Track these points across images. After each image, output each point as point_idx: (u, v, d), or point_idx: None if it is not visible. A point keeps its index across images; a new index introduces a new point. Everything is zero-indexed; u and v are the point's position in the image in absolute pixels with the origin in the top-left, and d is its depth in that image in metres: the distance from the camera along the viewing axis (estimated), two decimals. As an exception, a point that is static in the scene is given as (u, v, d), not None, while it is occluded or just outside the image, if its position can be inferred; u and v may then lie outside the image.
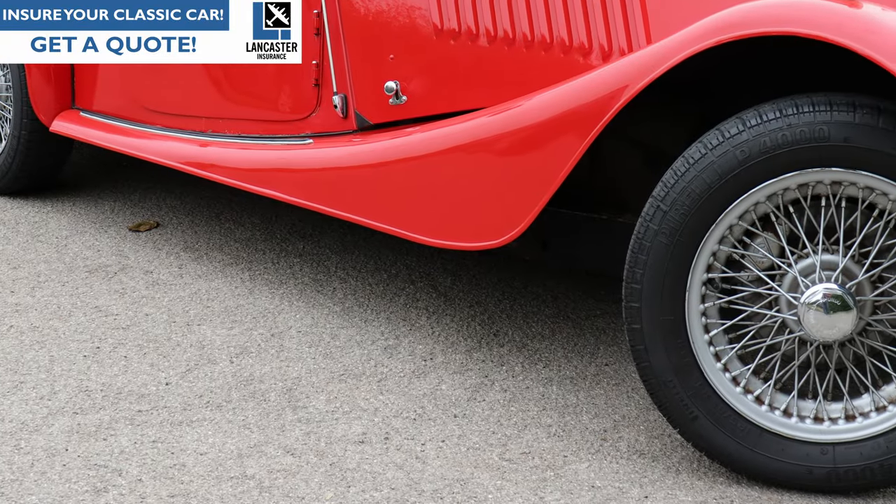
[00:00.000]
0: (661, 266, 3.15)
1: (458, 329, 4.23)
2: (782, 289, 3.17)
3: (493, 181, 3.57)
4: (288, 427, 3.54)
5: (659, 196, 3.13)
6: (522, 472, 3.32)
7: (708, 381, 3.22)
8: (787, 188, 3.07)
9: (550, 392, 3.79)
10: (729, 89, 3.47)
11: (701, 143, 3.10)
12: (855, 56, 2.92)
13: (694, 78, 3.39)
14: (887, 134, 2.96)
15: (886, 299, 3.15)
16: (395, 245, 4.92)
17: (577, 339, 4.19)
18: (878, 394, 3.20)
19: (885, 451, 3.17)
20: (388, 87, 4.14)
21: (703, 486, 3.27)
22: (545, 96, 3.51)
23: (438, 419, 3.60)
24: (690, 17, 3.29)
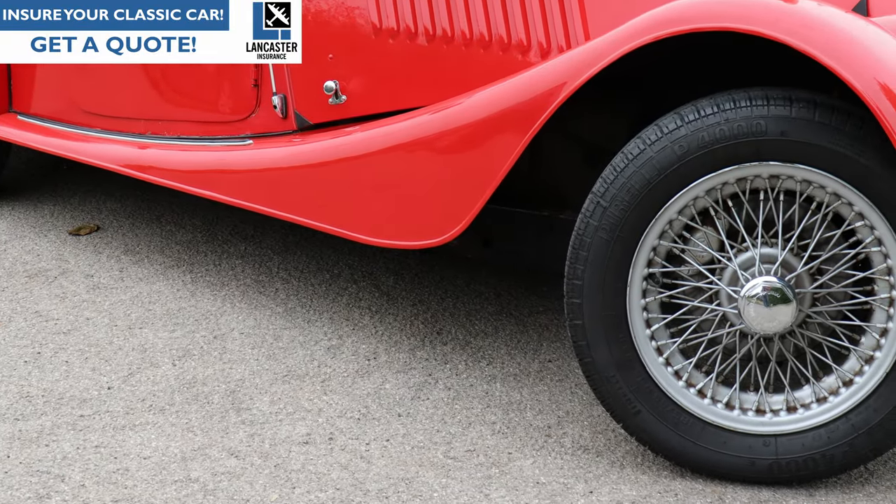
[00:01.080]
0: (602, 262, 3.16)
1: (402, 328, 4.23)
2: (722, 282, 3.19)
3: (434, 179, 3.57)
4: (232, 429, 3.53)
5: (598, 192, 3.15)
6: (467, 469, 3.32)
7: (650, 375, 3.24)
8: (725, 182, 3.09)
9: (494, 389, 3.80)
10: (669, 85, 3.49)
11: (639, 138, 3.11)
12: (792, 51, 2.94)
13: (634, 74, 3.41)
14: (824, 127, 2.98)
15: (825, 291, 3.18)
16: (337, 245, 4.91)
17: (520, 335, 4.20)
18: (819, 385, 3.23)
19: (827, 441, 3.20)
20: (327, 86, 4.13)
21: (648, 480, 3.28)
22: (484, 94, 3.51)
23: (383, 418, 3.60)
24: (628, 14, 3.30)
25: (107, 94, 4.83)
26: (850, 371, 3.20)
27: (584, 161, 3.73)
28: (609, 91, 3.44)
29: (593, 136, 3.72)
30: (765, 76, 3.27)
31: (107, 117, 4.85)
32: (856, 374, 3.19)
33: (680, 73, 3.48)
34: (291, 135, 4.27)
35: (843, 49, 2.91)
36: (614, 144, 3.28)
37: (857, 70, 2.88)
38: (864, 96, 2.86)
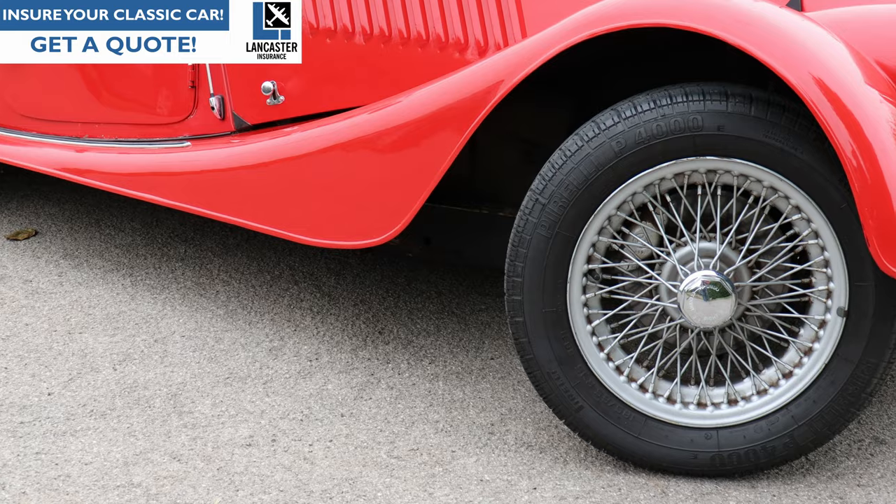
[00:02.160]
0: (542, 259, 3.17)
1: (343, 328, 4.22)
2: (662, 277, 3.21)
3: (374, 178, 3.56)
4: (174, 433, 3.51)
5: (537, 189, 3.15)
6: (411, 468, 3.32)
7: (592, 371, 3.25)
8: (663, 178, 3.11)
9: (437, 388, 3.80)
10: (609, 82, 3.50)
11: (577, 135, 3.12)
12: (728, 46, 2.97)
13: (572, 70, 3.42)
14: (759, 122, 3.01)
15: (764, 284, 3.20)
16: (277, 246, 4.89)
17: (462, 334, 4.20)
18: (759, 378, 3.26)
19: (768, 433, 3.22)
20: (265, 87, 4.11)
21: (591, 476, 3.30)
22: (423, 93, 3.52)
23: (325, 419, 3.59)
24: (565, 12, 3.31)
25: (43, 98, 4.78)
26: (790, 363, 3.22)
27: (524, 158, 3.74)
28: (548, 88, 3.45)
29: (532, 133, 3.73)
30: (703, 72, 3.29)
31: (43, 121, 4.81)
32: (795, 366, 3.22)
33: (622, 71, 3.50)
34: (230, 136, 4.25)
35: (777, 44, 2.94)
36: (553, 142, 3.29)
37: (791, 64, 2.91)
38: (799, 90, 2.88)
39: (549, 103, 3.65)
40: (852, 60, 3.02)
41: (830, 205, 3.04)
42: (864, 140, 2.87)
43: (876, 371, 3.13)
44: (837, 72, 2.94)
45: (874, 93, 2.97)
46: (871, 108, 2.92)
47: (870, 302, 3.08)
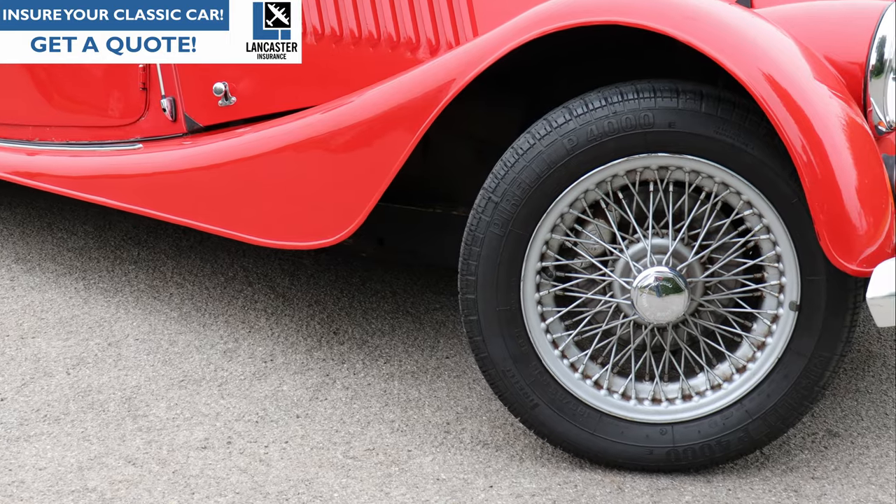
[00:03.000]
0: (495, 257, 3.17)
1: (298, 329, 4.21)
2: (615, 274, 3.22)
3: (327, 179, 3.55)
4: (129, 436, 3.49)
5: (490, 188, 3.16)
6: (367, 468, 3.32)
7: (546, 368, 3.26)
8: (615, 175, 3.12)
9: (392, 387, 3.80)
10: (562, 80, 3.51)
11: (529, 133, 3.13)
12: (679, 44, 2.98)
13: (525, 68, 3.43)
14: (710, 118, 3.02)
15: (716, 280, 3.22)
16: (231, 247, 4.88)
17: (417, 333, 4.20)
18: (713, 372, 3.27)
19: (722, 427, 3.24)
20: (216, 88, 4.10)
21: (547, 473, 3.30)
22: (374, 92, 3.51)
23: (281, 420, 3.58)
24: (517, 10, 3.31)
25: (-8, 101, 4.76)
26: (743, 358, 3.24)
27: (477, 157, 3.74)
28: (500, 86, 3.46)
29: (485, 131, 3.73)
30: (656, 70, 3.30)
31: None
32: (748, 361, 3.23)
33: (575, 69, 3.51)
34: (181, 137, 4.23)
35: (727, 41, 2.95)
36: (506, 140, 3.29)
37: (741, 61, 2.92)
38: (749, 87, 2.90)
39: (502, 102, 3.65)
40: (801, 56, 3.04)
41: (782, 200, 3.05)
42: (814, 135, 2.89)
43: (828, 364, 3.15)
44: (787, 68, 2.96)
45: (823, 88, 2.99)
46: (820, 103, 2.94)
47: (821, 296, 3.10)
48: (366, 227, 3.46)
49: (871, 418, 3.67)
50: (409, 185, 3.66)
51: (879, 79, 3.09)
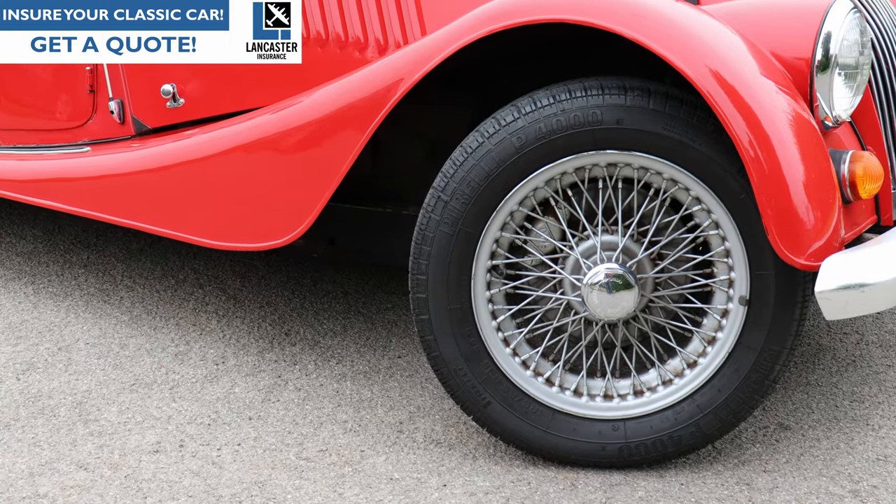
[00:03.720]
0: (445, 256, 3.17)
1: (249, 331, 4.20)
2: (565, 271, 3.23)
3: (276, 179, 3.54)
4: (80, 441, 3.47)
5: (439, 187, 3.16)
6: (320, 469, 3.31)
7: (498, 366, 3.26)
8: (564, 172, 3.13)
9: (344, 388, 3.79)
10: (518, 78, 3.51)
11: (478, 132, 3.13)
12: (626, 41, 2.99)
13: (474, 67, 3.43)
14: (658, 115, 3.03)
15: (667, 276, 3.23)
16: (181, 250, 4.86)
17: (368, 333, 4.20)
18: (664, 368, 3.29)
19: (674, 423, 3.25)
20: (164, 90, 4.08)
21: (501, 471, 3.31)
22: (324, 92, 3.51)
23: (233, 423, 3.57)
24: (465, 8, 3.31)
25: (-62, 105, 4.72)
26: (694, 353, 3.25)
27: (427, 156, 3.74)
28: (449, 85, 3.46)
29: (434, 131, 3.73)
30: (605, 67, 3.31)
31: (-62, 129, 4.74)
32: (699, 356, 3.25)
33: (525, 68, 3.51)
34: (130, 140, 4.21)
35: (674, 38, 2.96)
36: (455, 139, 3.30)
37: (688, 58, 2.93)
38: (697, 83, 2.91)
39: (452, 101, 3.65)
40: (748, 53, 3.05)
41: (730, 195, 3.07)
42: (761, 131, 2.90)
43: (778, 358, 3.17)
44: (734, 64, 2.97)
45: (770, 84, 3.00)
46: (767, 99, 2.96)
47: (770, 290, 3.11)
48: (316, 227, 3.45)
49: (821, 411, 3.69)
50: (360, 185, 3.65)
51: (825, 74, 3.10)
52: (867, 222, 3.25)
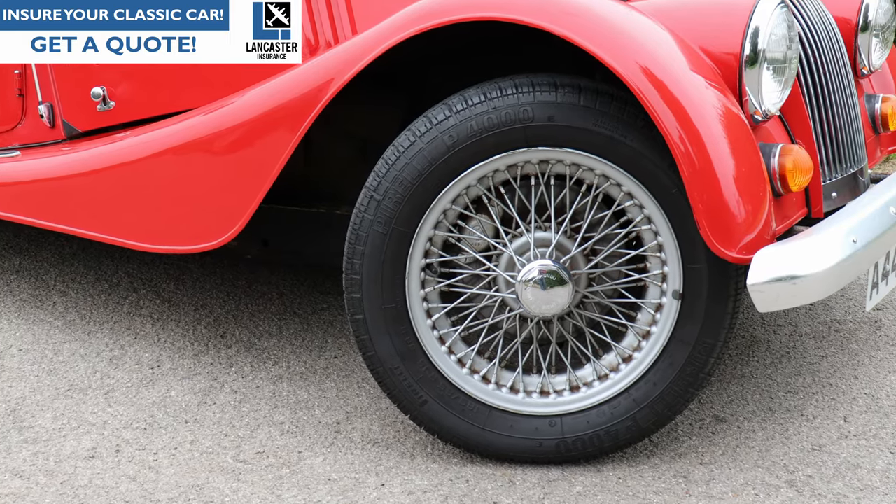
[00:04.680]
0: (379, 255, 3.17)
1: (185, 334, 4.18)
2: (499, 269, 3.23)
3: (208, 181, 3.53)
4: (14, 449, 3.43)
5: (372, 186, 3.15)
6: (258, 471, 3.30)
7: (434, 364, 3.26)
8: (496, 170, 3.13)
9: (281, 389, 3.78)
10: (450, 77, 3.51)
11: (410, 130, 3.13)
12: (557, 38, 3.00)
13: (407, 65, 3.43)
14: (589, 111, 3.04)
15: (600, 271, 3.24)
16: (115, 254, 4.82)
17: (304, 334, 4.19)
18: (600, 363, 3.30)
19: (610, 417, 3.26)
20: (94, 93, 4.05)
21: (439, 469, 3.31)
22: (256, 93, 3.49)
23: (170, 426, 3.55)
24: (395, 8, 3.31)
25: None
26: (629, 347, 3.27)
27: (359, 156, 3.74)
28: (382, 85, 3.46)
29: (367, 130, 3.73)
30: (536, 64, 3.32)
31: None
32: (634, 350, 3.26)
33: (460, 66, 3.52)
34: (60, 144, 4.18)
35: (604, 34, 2.97)
36: (388, 138, 3.30)
37: (618, 54, 2.95)
38: (626, 79, 2.92)
39: (383, 100, 3.65)
40: (677, 48, 3.07)
41: (661, 190, 3.08)
42: (691, 126, 2.92)
43: (712, 351, 3.19)
44: (663, 60, 2.99)
45: (700, 79, 3.03)
46: (696, 94, 2.97)
47: (703, 284, 3.14)
48: (250, 228, 3.44)
49: (756, 402, 3.72)
50: (293, 186, 3.64)
51: (754, 69, 3.12)
52: (798, 215, 3.28)
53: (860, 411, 3.67)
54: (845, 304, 4.59)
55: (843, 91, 3.61)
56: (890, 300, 4.65)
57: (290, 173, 3.35)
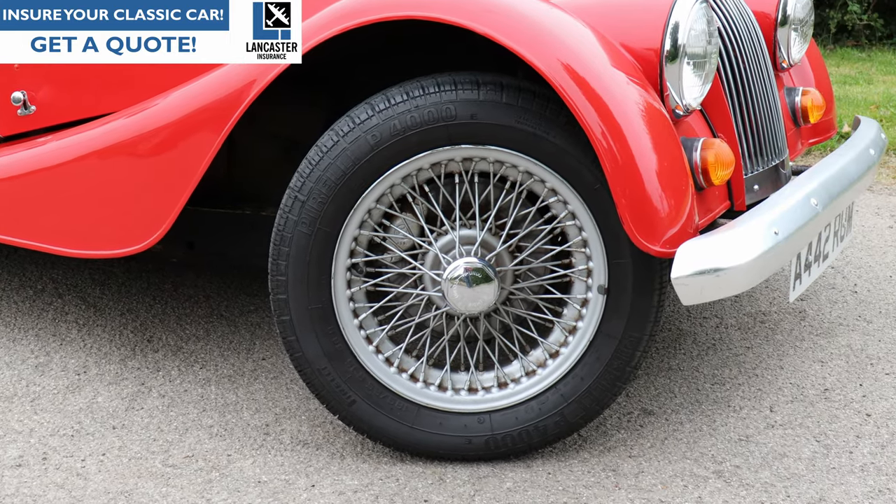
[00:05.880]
0: (304, 256, 3.16)
1: (111, 339, 4.15)
2: (425, 267, 3.24)
3: (132, 185, 3.50)
4: (-62, 459, 3.41)
5: (296, 187, 3.15)
6: (187, 475, 3.28)
7: (362, 364, 3.26)
8: (420, 168, 3.14)
9: (209, 392, 3.76)
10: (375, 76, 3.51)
11: (333, 130, 3.13)
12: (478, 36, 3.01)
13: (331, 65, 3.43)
14: (511, 108, 3.05)
15: (526, 267, 3.25)
16: (39, 259, 4.78)
17: (232, 336, 4.17)
18: (527, 359, 3.31)
19: (539, 413, 3.28)
20: (14, 97, 4.01)
21: (369, 468, 3.30)
22: (178, 94, 3.48)
23: (97, 433, 3.52)
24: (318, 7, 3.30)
25: None
26: (556, 343, 3.28)
27: (284, 157, 3.73)
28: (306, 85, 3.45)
29: (291, 131, 3.72)
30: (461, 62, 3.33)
31: None
32: (561, 346, 3.28)
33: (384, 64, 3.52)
34: (-19, 150, 4.13)
35: (525, 32, 2.99)
36: (312, 139, 3.29)
37: (539, 51, 2.96)
38: (548, 76, 2.94)
39: (306, 101, 3.65)
40: (598, 45, 3.09)
41: (585, 186, 3.10)
42: (613, 122, 2.94)
43: (639, 345, 3.21)
44: (584, 57, 3.01)
45: (621, 75, 3.04)
46: (618, 90, 2.99)
47: (628, 278, 3.16)
48: (175, 231, 3.42)
49: (684, 395, 3.75)
50: (218, 188, 3.63)
51: (674, 64, 3.15)
52: (721, 208, 3.31)
53: (786, 401, 3.71)
54: (770, 296, 4.64)
55: (763, 85, 3.65)
56: (813, 290, 4.71)
57: (214, 175, 3.34)
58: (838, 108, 8.16)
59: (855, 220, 5.66)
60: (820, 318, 4.43)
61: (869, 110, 8.32)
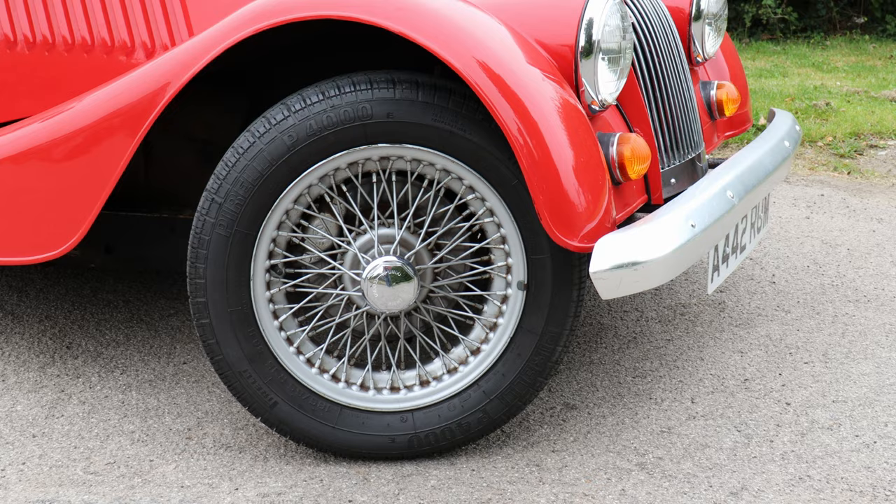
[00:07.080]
0: (222, 258, 3.15)
1: (29, 346, 4.10)
2: (344, 267, 3.24)
3: (47, 190, 3.46)
4: None
5: (212, 189, 3.13)
6: (109, 482, 3.25)
7: (283, 366, 3.25)
8: (337, 168, 3.13)
9: (130, 398, 3.73)
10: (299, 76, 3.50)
11: (249, 131, 3.11)
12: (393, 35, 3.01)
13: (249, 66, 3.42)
14: (427, 106, 3.05)
15: (445, 265, 3.26)
16: (-46, 267, 4.73)
17: (152, 340, 4.14)
18: (448, 357, 3.31)
19: (461, 410, 3.28)
20: (-76, 105, 3.96)
21: (293, 470, 3.30)
22: (92, 98, 3.44)
23: (17, 441, 3.48)
24: (233, 8, 3.29)
25: None
26: (477, 340, 3.29)
27: (202, 159, 3.71)
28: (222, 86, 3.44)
29: (208, 133, 3.70)
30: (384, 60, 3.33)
31: None
32: (482, 343, 3.29)
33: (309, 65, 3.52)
34: None
35: (440, 30, 2.99)
36: (229, 141, 3.28)
37: (455, 49, 2.96)
38: (463, 74, 2.94)
39: (222, 103, 3.63)
40: (514, 42, 3.10)
41: (502, 183, 3.11)
42: (529, 118, 2.95)
43: (559, 340, 3.22)
44: (500, 54, 3.01)
45: (536, 72, 3.06)
46: (534, 87, 3.01)
47: (547, 273, 3.17)
48: (92, 236, 3.40)
49: (605, 388, 3.77)
50: (135, 192, 3.60)
51: (589, 60, 3.17)
52: (638, 202, 3.34)
53: (706, 392, 3.75)
54: (689, 288, 4.68)
55: (678, 79, 3.68)
56: (732, 282, 4.75)
57: (131, 179, 3.31)
58: (754, 100, 8.25)
59: (772, 212, 5.72)
60: (739, 310, 4.47)
61: (784, 103, 8.41)
